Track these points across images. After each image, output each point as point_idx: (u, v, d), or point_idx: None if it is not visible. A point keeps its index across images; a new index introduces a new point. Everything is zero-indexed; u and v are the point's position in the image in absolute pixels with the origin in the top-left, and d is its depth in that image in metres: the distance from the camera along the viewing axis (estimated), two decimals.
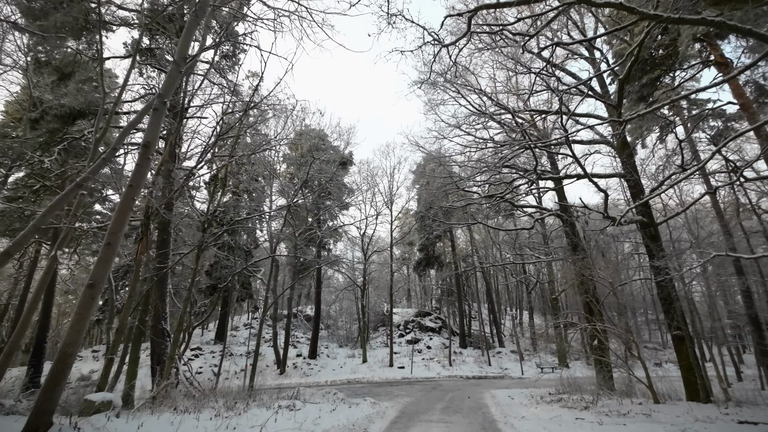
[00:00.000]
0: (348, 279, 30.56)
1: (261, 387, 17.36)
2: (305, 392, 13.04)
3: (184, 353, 12.98)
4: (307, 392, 13.12)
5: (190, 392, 10.45)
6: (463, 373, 21.88)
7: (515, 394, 14.03)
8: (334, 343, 31.19)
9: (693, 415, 8.23)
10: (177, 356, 11.01)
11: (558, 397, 12.13)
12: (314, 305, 27.02)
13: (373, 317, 36.59)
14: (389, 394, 14.63)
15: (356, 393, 15.20)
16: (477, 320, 37.59)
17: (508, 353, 29.31)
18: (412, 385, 17.64)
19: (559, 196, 17.42)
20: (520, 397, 13.25)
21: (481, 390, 15.89)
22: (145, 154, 4.85)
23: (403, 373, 21.47)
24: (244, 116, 12.23)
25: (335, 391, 12.68)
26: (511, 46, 12.95)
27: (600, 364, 14.43)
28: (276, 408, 8.39)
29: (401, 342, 30.94)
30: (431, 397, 13.98)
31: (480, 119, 14.91)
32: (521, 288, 40.94)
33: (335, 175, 27.51)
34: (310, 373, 20.61)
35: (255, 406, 8.54)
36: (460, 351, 28.13)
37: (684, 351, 11.37)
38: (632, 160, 13.46)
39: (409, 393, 15.00)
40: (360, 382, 19.08)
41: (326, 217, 27.48)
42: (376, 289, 46.17)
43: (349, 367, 22.36)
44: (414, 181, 35.20)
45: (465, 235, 38.91)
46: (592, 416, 8.63)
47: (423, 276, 38.92)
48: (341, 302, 39.03)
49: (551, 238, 25.80)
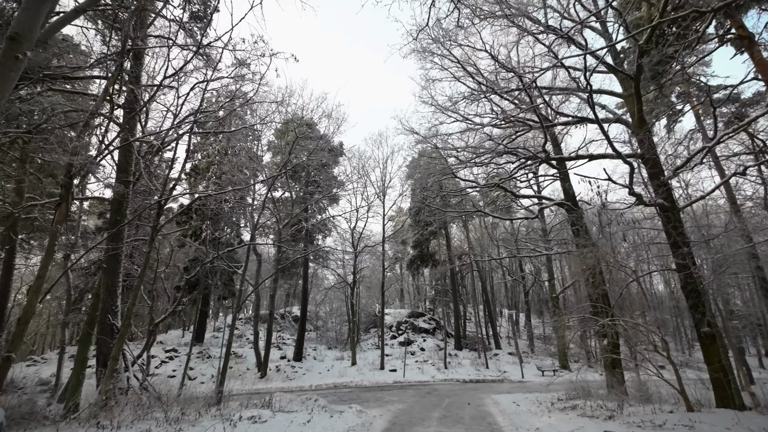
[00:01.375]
0: (338, 277, 28.91)
1: (235, 392, 15.66)
2: (282, 399, 11.40)
3: (144, 354, 11.25)
4: (285, 398, 11.47)
5: (140, 400, 8.76)
6: (460, 376, 20.34)
7: (520, 400, 12.53)
8: (323, 345, 29.49)
9: (745, 427, 6.79)
10: (127, 356, 9.31)
11: (571, 403, 10.64)
12: (301, 304, 25.31)
13: (364, 318, 34.96)
14: (379, 400, 13.04)
15: (342, 399, 13.59)
16: (472, 322, 36.14)
17: (506, 355, 27.86)
18: (405, 390, 16.07)
19: (563, 184, 16.06)
20: (527, 403, 11.75)
21: (480, 395, 14.37)
22: (10, 49, 3.26)
23: (395, 376, 19.89)
24: (215, 82, 10.56)
25: (316, 398, 11.07)
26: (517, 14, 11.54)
27: (612, 366, 13.07)
28: (236, 419, 6.77)
29: (393, 344, 29.33)
30: (426, 403, 12.42)
31: (482, 95, 13.44)
32: (518, 288, 39.61)
33: (324, 167, 25.95)
34: (294, 377, 18.95)
35: (210, 417, 6.90)
36: (456, 353, 26.61)
37: (714, 351, 9.95)
38: (651, 137, 12.08)
39: (401, 399, 13.42)
40: (347, 387, 17.45)
41: (314, 210, 25.85)
42: (368, 290, 44.50)
43: (336, 370, 20.71)
44: (408, 176, 33.72)
45: (461, 233, 37.54)
46: (623, 428, 7.14)
47: (416, 275, 37.37)
48: (331, 303, 37.31)
49: (555, 230, 24.41)
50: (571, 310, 21.99)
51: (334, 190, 27.53)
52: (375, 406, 11.85)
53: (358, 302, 35.51)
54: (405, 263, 37.87)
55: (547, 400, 12.15)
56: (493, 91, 12.82)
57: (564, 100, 15.61)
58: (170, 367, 20.08)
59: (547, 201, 16.42)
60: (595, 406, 9.50)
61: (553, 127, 13.68)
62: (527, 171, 20.93)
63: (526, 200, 24.61)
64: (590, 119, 11.07)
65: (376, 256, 32.13)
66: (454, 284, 30.30)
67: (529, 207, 19.85)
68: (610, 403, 9.42)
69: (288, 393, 15.04)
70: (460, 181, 18.05)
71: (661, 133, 19.27)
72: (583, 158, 12.52)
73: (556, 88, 13.87)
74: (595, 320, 10.14)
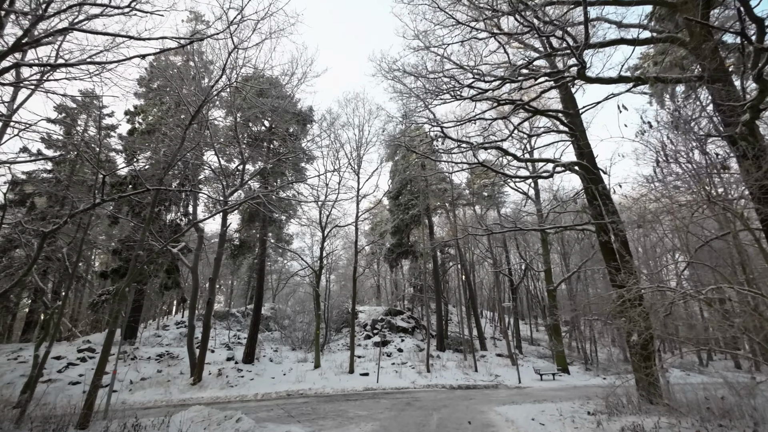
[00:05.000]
0: (302, 262, 24.89)
1: (137, 406, 11.52)
2: (192, 417, 7.49)
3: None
4: (198, 416, 7.56)
5: None
6: (446, 381, 16.77)
7: (535, 413, 9.02)
8: (287, 346, 25.33)
9: None
10: None
11: (618, 423, 7.20)
12: (255, 295, 21.16)
13: (336, 317, 31.00)
14: (340, 416, 9.25)
15: (289, 414, 9.72)
16: (453, 323, 32.77)
17: (494, 357, 24.53)
18: (378, 400, 12.33)
19: (578, 143, 12.85)
20: (551, 421, 8.25)
21: (479, 407, 10.78)
22: None
23: (367, 381, 16.12)
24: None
25: (239, 416, 7.20)
26: None
27: (645, 367, 9.82)
28: None
29: (367, 344, 25.52)
30: (406, 420, 8.73)
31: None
32: (503, 287, 36.52)
33: (291, 137, 21.97)
34: (238, 383, 14.88)
35: None
36: (438, 354, 23.06)
37: None
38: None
39: (371, 413, 9.68)
40: (304, 396, 13.54)
41: (276, 185, 21.79)
42: (341, 287, 40.48)
43: (294, 374, 16.74)
44: (387, 157, 30.13)
45: (447, 222, 34.21)
46: None
47: (395, 268, 33.68)
48: (303, 303, 33.08)
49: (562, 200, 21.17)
50: (578, 304, 18.87)
51: (302, 164, 23.59)
52: (331, 426, 8.06)
53: (327, 295, 31.54)
54: (382, 254, 34.12)
55: (574, 414, 8.71)
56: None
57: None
58: (78, 371, 15.60)
59: (559, 164, 13.04)
60: (654, 422, 6.07)
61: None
62: (526, 136, 17.67)
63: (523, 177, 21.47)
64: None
65: (349, 242, 28.31)
66: (437, 278, 26.80)
67: (536, 174, 16.39)
68: (685, 421, 6.00)
69: (218, 405, 11.04)
70: (450, 142, 14.47)
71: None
72: (627, 81, 9.12)
73: None
74: (636, 299, 6.74)
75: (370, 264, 40.83)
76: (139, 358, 17.52)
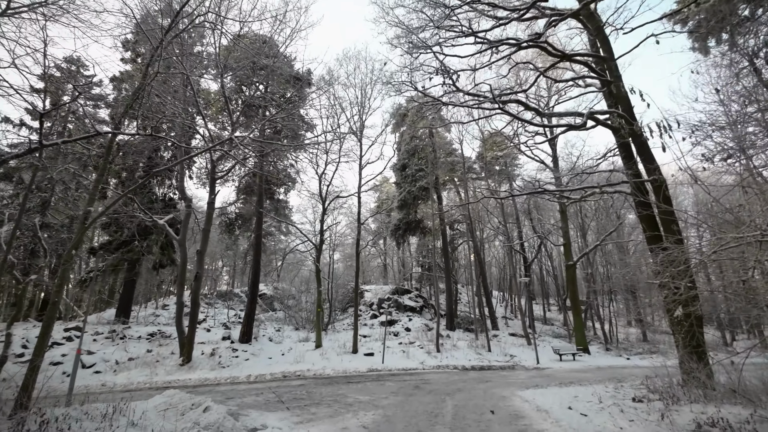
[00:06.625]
0: (301, 236, 23.49)
1: (107, 389, 10.36)
2: (148, 405, 6.15)
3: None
4: (166, 402, 6.24)
5: None
6: (457, 362, 15.44)
7: (569, 400, 7.55)
8: (290, 326, 24.25)
9: None
10: None
11: (685, 414, 5.69)
12: (251, 271, 19.86)
13: (341, 296, 29.82)
14: (337, 402, 7.89)
15: (280, 398, 8.39)
16: (462, 302, 31.44)
17: (507, 336, 23.18)
18: (383, 382, 11.00)
19: (610, 87, 11.11)
20: (589, 408, 6.77)
21: (499, 391, 9.36)
22: None
23: (372, 362, 14.85)
24: None
25: (208, 404, 5.84)
26: None
27: (692, 346, 8.36)
28: None
29: (374, 323, 24.34)
30: (415, 408, 7.34)
31: None
32: (515, 262, 34.79)
33: (288, 103, 20.22)
34: (230, 364, 13.71)
35: None
36: (448, 334, 21.75)
37: None
38: None
39: (373, 399, 8.31)
40: (302, 378, 12.29)
41: (272, 159, 20.21)
42: (346, 267, 39.29)
43: (293, 354, 15.55)
44: (394, 128, 28.25)
45: (457, 197, 32.48)
46: None
47: (402, 245, 32.15)
48: (308, 283, 31.87)
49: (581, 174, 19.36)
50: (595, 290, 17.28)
51: (301, 132, 21.91)
52: (324, 416, 6.69)
53: (331, 275, 30.37)
54: (389, 231, 32.61)
55: (616, 400, 7.22)
56: None
57: None
58: (63, 350, 14.55)
59: (588, 113, 11.14)
60: (735, 413, 4.53)
61: None
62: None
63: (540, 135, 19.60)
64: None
65: (353, 219, 26.84)
66: (446, 256, 25.26)
67: (568, 125, 14.47)
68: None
69: (205, 387, 9.80)
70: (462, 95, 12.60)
71: None
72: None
73: None
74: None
75: (376, 242, 39.40)
76: (129, 338, 16.44)
